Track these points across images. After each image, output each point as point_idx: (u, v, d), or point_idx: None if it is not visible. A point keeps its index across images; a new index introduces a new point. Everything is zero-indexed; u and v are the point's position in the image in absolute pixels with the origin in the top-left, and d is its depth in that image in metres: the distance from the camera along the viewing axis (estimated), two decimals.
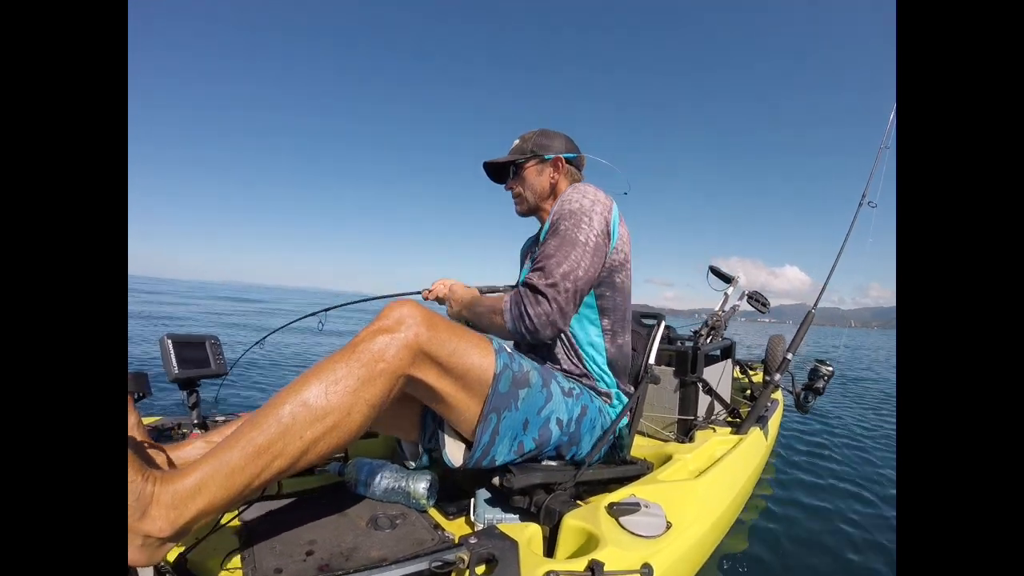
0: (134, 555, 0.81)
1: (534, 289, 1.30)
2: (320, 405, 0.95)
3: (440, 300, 1.82)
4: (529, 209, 1.69)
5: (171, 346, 1.57)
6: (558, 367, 1.45)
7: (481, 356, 1.17)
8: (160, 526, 0.82)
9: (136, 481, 0.81)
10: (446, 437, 1.25)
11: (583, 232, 1.35)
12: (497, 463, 1.26)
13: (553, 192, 1.64)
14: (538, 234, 1.58)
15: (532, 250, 1.57)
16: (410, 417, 1.43)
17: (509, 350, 1.26)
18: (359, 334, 1.05)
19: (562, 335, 1.46)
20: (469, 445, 1.24)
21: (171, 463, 1.08)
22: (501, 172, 1.70)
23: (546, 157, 1.61)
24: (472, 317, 1.49)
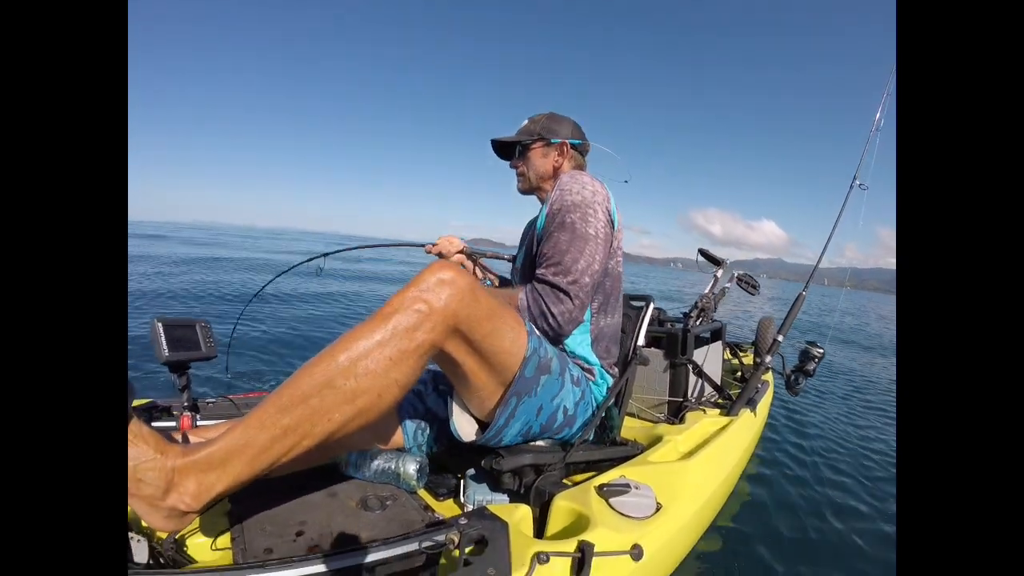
0: (160, 523, 0.85)
1: (554, 287, 1.29)
2: (350, 388, 0.92)
3: (442, 256, 1.85)
4: (529, 188, 1.70)
5: (161, 329, 1.56)
6: None
7: (513, 340, 1.14)
8: (187, 501, 0.85)
9: (156, 458, 0.83)
10: (456, 411, 1.26)
11: (591, 225, 1.35)
12: (503, 443, 1.27)
13: (555, 175, 1.65)
14: (537, 217, 1.57)
15: (533, 234, 1.58)
16: (391, 424, 1.45)
17: (537, 332, 1.26)
18: (392, 300, 0.99)
19: None
20: (478, 420, 1.25)
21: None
22: (507, 150, 1.71)
23: (552, 141, 1.62)
24: None
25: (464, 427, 1.25)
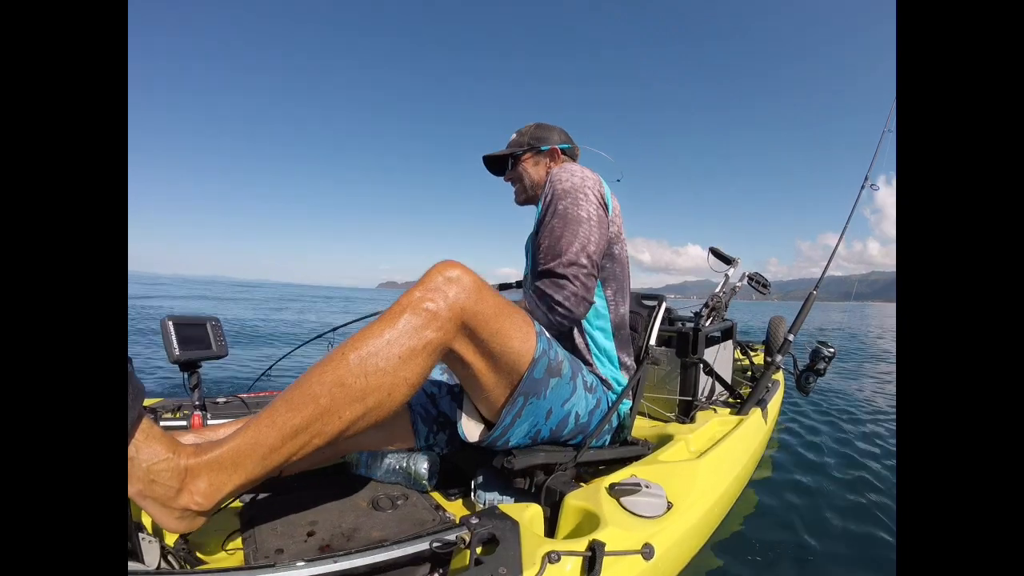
0: (173, 525, 0.85)
1: (551, 274, 1.29)
2: (359, 386, 0.92)
3: None
4: (527, 199, 1.71)
5: (172, 327, 1.56)
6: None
7: (522, 340, 1.13)
8: (199, 501, 0.85)
9: (169, 458, 0.83)
10: (463, 413, 1.26)
11: (583, 208, 1.35)
12: (510, 445, 1.26)
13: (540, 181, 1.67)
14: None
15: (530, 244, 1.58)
16: (403, 426, 1.44)
17: (548, 335, 1.25)
18: (401, 299, 0.99)
19: None
20: (486, 422, 1.25)
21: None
22: (499, 164, 1.72)
23: (542, 148, 1.65)
24: None
25: (470, 427, 1.25)
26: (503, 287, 1.94)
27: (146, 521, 1.02)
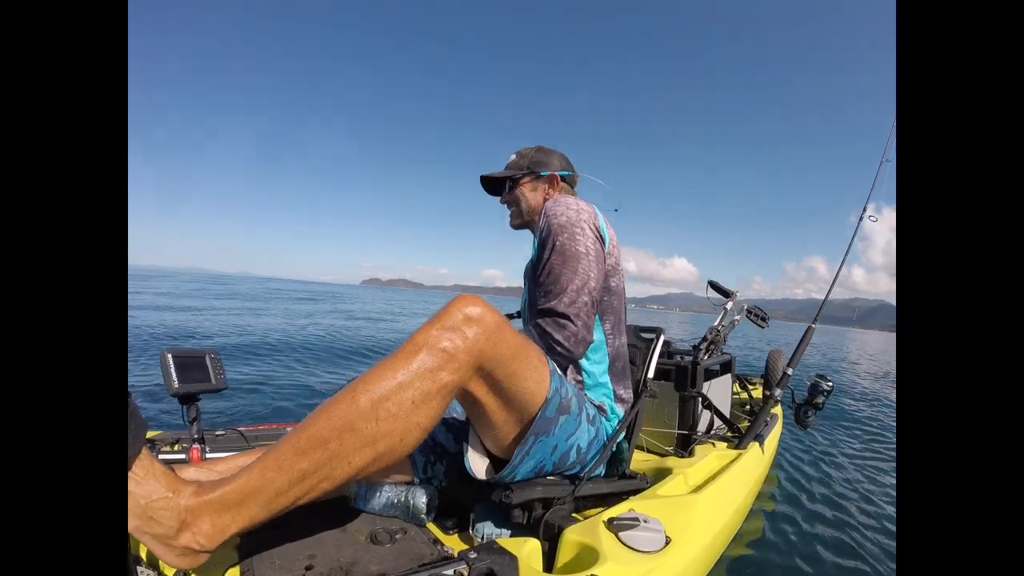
0: (174, 561, 0.84)
1: (553, 313, 1.29)
2: (370, 431, 0.90)
3: None
4: (522, 223, 1.68)
5: (171, 361, 1.57)
6: None
7: (537, 381, 1.12)
8: (201, 541, 0.84)
9: (168, 497, 0.82)
10: (471, 450, 1.26)
11: (580, 243, 1.35)
12: (516, 479, 1.26)
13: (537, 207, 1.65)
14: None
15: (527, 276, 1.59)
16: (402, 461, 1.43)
17: (559, 372, 1.25)
18: (416, 337, 0.96)
19: None
20: (492, 457, 1.24)
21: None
22: (496, 185, 1.70)
23: (542, 174, 1.62)
24: None
25: (477, 463, 1.25)
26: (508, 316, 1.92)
27: (143, 553, 1.02)
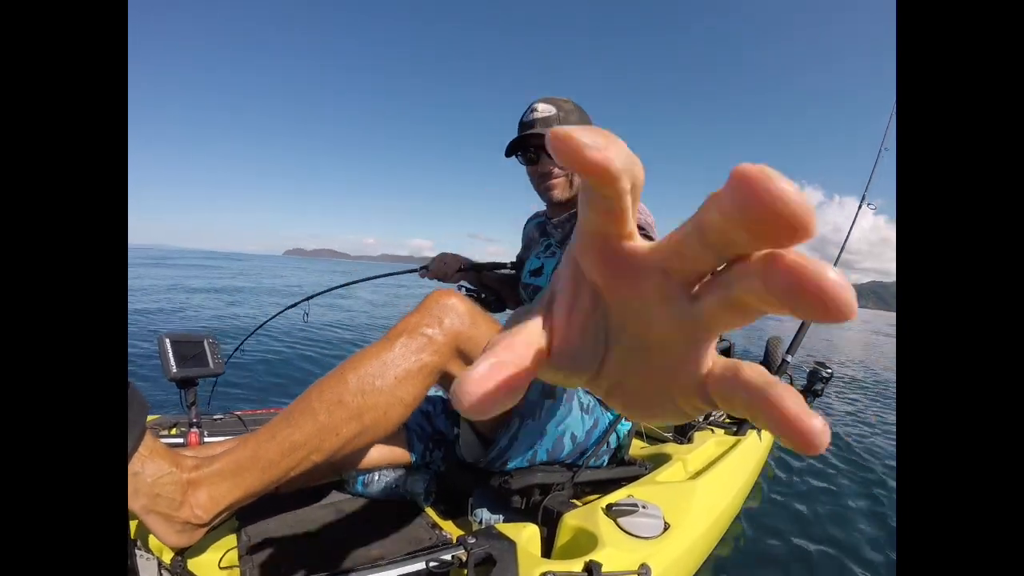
0: (174, 539, 0.86)
1: None
2: (357, 405, 0.95)
3: (440, 278, 1.78)
4: (571, 198, 1.43)
5: (169, 345, 1.56)
6: None
7: None
8: (198, 514, 0.86)
9: (173, 472, 0.85)
10: (463, 432, 1.26)
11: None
12: (508, 467, 1.27)
13: None
14: (567, 217, 1.45)
15: (548, 232, 1.51)
16: (399, 444, 1.43)
17: None
18: (399, 324, 1.05)
19: None
20: (485, 441, 1.25)
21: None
22: (524, 145, 1.39)
23: None
24: None
25: (470, 449, 1.26)
26: (495, 266, 1.83)
27: (143, 538, 1.02)
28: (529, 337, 0.21)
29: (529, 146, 1.39)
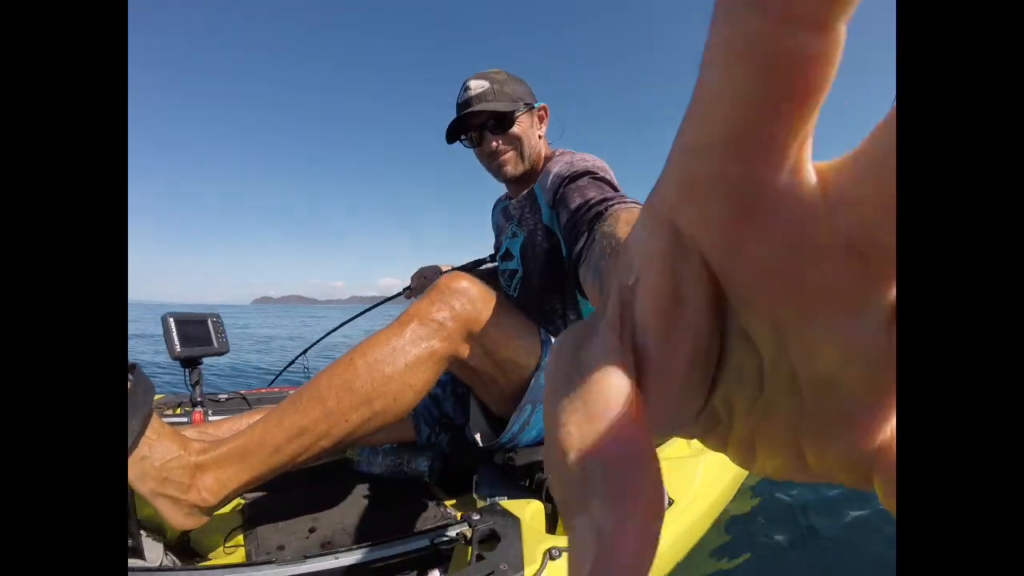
0: (181, 521, 0.86)
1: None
2: (366, 391, 0.94)
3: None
4: (524, 170, 1.34)
5: (173, 324, 1.56)
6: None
7: (528, 348, 1.14)
8: (205, 497, 0.86)
9: (181, 455, 0.85)
10: (473, 417, 1.26)
11: (617, 185, 1.11)
12: (519, 448, 1.28)
13: (539, 152, 1.35)
14: (524, 195, 1.35)
15: (511, 214, 1.39)
16: (405, 424, 1.42)
17: (554, 340, 1.24)
18: (409, 309, 1.02)
19: (570, 314, 1.32)
20: (494, 422, 1.25)
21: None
22: (467, 127, 1.32)
23: (534, 106, 1.33)
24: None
25: (482, 432, 1.26)
26: (476, 264, 1.76)
27: (148, 520, 1.02)
28: (635, 434, 0.12)
29: (470, 127, 1.31)
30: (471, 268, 1.76)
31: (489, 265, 1.78)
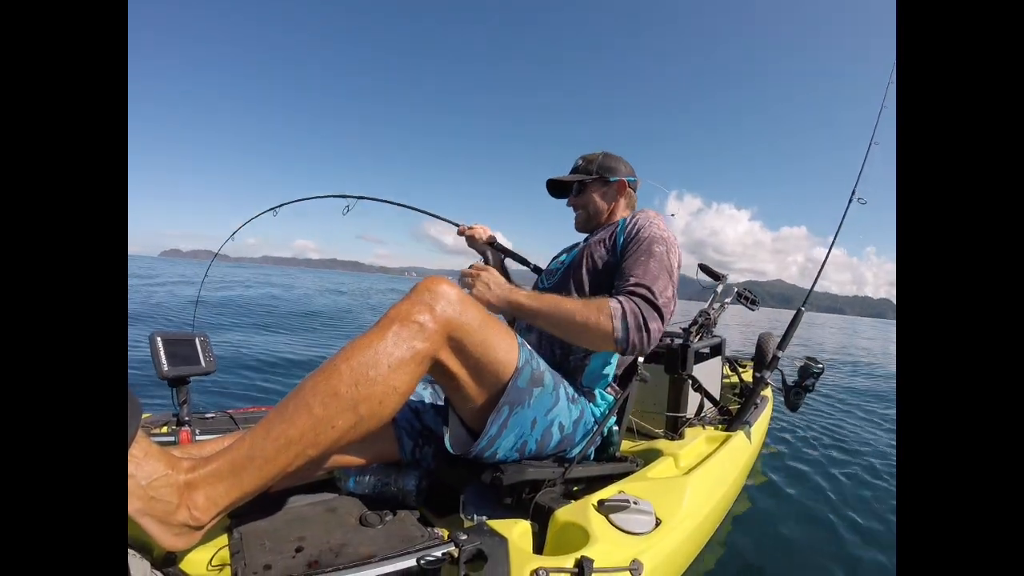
0: (170, 541, 0.85)
1: (653, 305, 1.29)
2: (352, 396, 0.95)
3: (470, 240, 1.98)
4: (587, 226, 1.76)
5: (160, 344, 1.56)
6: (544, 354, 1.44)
7: (506, 350, 1.17)
8: (196, 515, 0.86)
9: (168, 474, 0.85)
10: (451, 425, 1.26)
11: (673, 262, 1.41)
12: (498, 458, 1.27)
13: (612, 211, 1.73)
14: (610, 224, 1.68)
15: (585, 253, 1.61)
16: (388, 441, 1.42)
17: (529, 346, 1.28)
18: (390, 312, 1.04)
19: None
20: (472, 434, 1.25)
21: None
22: (562, 188, 1.79)
23: (611, 179, 1.70)
24: (537, 309, 1.35)
25: (457, 440, 1.25)
26: (519, 259, 2.04)
27: (135, 538, 1.01)
28: None
29: (566, 187, 1.78)
30: (513, 256, 2.01)
31: (525, 267, 2.06)
